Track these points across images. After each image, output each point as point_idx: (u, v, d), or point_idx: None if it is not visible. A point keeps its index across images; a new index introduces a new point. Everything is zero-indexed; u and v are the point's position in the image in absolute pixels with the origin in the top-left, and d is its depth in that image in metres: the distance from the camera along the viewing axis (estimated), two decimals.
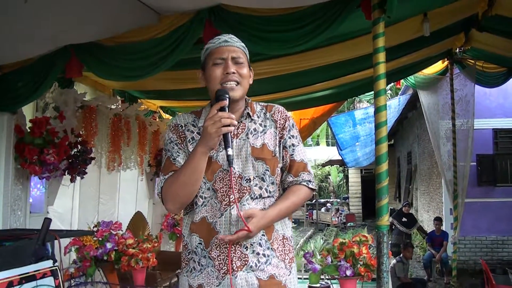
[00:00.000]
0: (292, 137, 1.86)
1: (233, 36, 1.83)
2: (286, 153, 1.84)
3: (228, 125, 1.59)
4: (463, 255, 9.45)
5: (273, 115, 1.86)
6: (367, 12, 2.87)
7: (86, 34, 3.19)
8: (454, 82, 7.00)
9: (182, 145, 1.80)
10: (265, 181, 1.76)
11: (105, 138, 4.68)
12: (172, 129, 1.84)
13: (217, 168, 1.74)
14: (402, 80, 8.01)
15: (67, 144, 3.83)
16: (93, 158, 4.32)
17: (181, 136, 1.81)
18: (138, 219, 5.50)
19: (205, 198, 1.75)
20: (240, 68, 1.76)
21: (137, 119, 5.24)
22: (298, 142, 1.87)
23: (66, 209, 4.79)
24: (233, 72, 1.73)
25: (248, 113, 1.82)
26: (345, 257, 3.37)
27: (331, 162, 21.01)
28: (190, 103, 6.10)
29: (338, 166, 24.41)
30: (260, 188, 1.75)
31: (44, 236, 2.31)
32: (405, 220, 9.27)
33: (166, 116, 6.60)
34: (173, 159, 1.78)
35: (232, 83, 1.72)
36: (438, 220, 8.93)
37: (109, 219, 4.19)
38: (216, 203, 1.73)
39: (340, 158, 15.06)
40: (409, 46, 4.85)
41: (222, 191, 1.72)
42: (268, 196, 1.77)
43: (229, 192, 1.71)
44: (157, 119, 6.13)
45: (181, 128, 1.83)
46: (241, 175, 1.73)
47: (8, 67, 3.42)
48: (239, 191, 1.72)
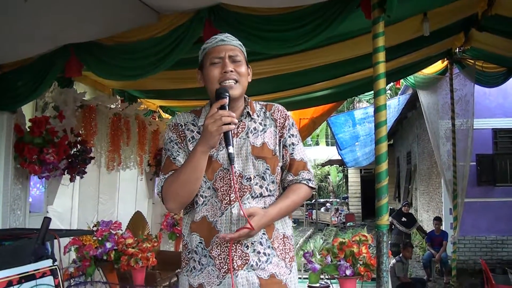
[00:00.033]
0: (292, 136, 1.86)
1: (230, 35, 1.83)
2: (286, 152, 1.84)
3: (229, 123, 1.59)
4: (463, 255, 9.45)
5: (273, 114, 1.86)
6: (367, 12, 2.87)
7: (86, 34, 3.19)
8: (454, 82, 7.01)
9: (182, 144, 1.80)
10: (266, 180, 1.76)
11: (105, 138, 4.68)
12: (172, 129, 1.83)
13: (218, 167, 1.73)
14: (402, 80, 8.01)
15: (67, 144, 3.83)
16: (93, 158, 4.31)
17: (181, 135, 1.81)
18: (138, 219, 5.50)
19: (206, 197, 1.74)
20: (238, 66, 1.76)
21: (137, 119, 5.24)
22: (298, 141, 1.87)
23: (66, 209, 4.79)
24: (231, 71, 1.73)
25: (248, 112, 1.82)
26: (345, 257, 3.36)
27: (331, 162, 21.02)
28: (190, 103, 6.10)
29: (338, 166, 24.44)
30: (261, 187, 1.75)
31: (44, 236, 2.31)
32: (405, 220, 9.28)
33: (166, 116, 6.59)
34: (173, 159, 1.78)
35: (231, 82, 1.72)
36: (438, 220, 8.93)
37: (109, 219, 4.19)
38: (217, 202, 1.72)
39: (340, 158, 15.05)
40: (409, 46, 4.85)
41: (223, 190, 1.72)
42: (269, 195, 1.77)
43: (230, 191, 1.71)
44: (157, 119, 6.13)
45: (181, 127, 1.82)
46: (242, 174, 1.73)
47: (8, 66, 3.41)
48: (240, 190, 1.71)
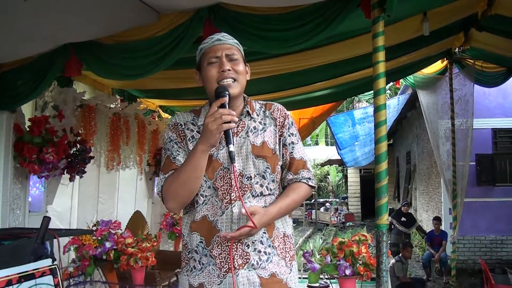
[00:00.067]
0: (292, 135, 1.86)
1: (226, 34, 1.83)
2: (286, 151, 1.84)
3: (229, 122, 1.59)
4: (462, 255, 9.45)
5: (273, 113, 1.86)
6: (367, 11, 2.87)
7: (86, 33, 3.19)
8: (454, 82, 7.02)
9: (182, 144, 1.79)
10: (266, 179, 1.76)
11: (104, 137, 4.67)
12: (172, 128, 1.83)
13: (218, 166, 1.73)
14: (401, 80, 8.01)
15: (66, 143, 3.82)
16: (92, 157, 4.31)
17: (181, 135, 1.81)
18: (137, 219, 5.49)
19: (206, 197, 1.74)
20: (236, 65, 1.76)
21: (136, 118, 5.24)
22: (297, 140, 1.88)
23: (65, 208, 4.79)
24: (229, 69, 1.73)
25: (248, 111, 1.82)
26: (345, 256, 3.36)
27: (330, 162, 21.02)
28: (189, 102, 6.10)
29: (337, 166, 24.44)
30: (261, 186, 1.75)
31: (43, 235, 2.31)
32: (404, 220, 9.28)
33: (165, 115, 6.60)
34: (173, 158, 1.77)
35: (229, 80, 1.72)
36: (437, 220, 8.93)
37: (108, 218, 4.19)
38: (217, 202, 1.72)
39: (339, 158, 15.05)
40: (409, 46, 4.85)
41: (223, 189, 1.72)
42: (269, 194, 1.77)
43: (230, 190, 1.71)
44: (156, 118, 6.13)
45: (181, 127, 1.82)
46: (242, 173, 1.73)
47: (8, 66, 3.40)
48: (240, 189, 1.71)
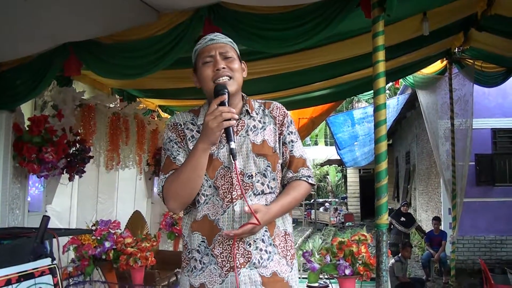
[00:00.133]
0: (291, 133, 1.87)
1: (219, 34, 1.84)
2: (286, 149, 1.85)
3: (229, 119, 1.58)
4: (462, 255, 9.46)
5: (272, 112, 1.86)
6: (367, 11, 2.87)
7: (85, 32, 3.18)
8: (453, 82, 7.02)
9: (182, 144, 1.79)
10: (267, 177, 1.76)
11: (104, 137, 4.67)
12: (171, 128, 1.83)
13: (218, 166, 1.73)
14: (401, 80, 8.00)
15: (66, 143, 3.82)
16: (92, 157, 4.31)
17: (181, 135, 1.80)
18: (137, 218, 5.49)
19: (207, 196, 1.74)
20: (230, 63, 1.76)
21: (136, 118, 5.23)
22: (297, 138, 1.89)
23: (65, 208, 4.78)
24: (223, 67, 1.73)
25: (247, 110, 1.82)
26: (344, 256, 3.36)
27: (330, 162, 21.00)
28: (189, 102, 6.09)
29: (337, 166, 24.44)
30: (262, 184, 1.75)
31: (43, 234, 2.31)
32: (404, 220, 9.29)
33: (165, 115, 6.59)
34: (173, 158, 1.77)
35: (225, 78, 1.72)
36: (437, 220, 8.93)
37: (108, 218, 4.18)
38: (218, 201, 1.72)
39: (339, 158, 15.03)
40: (408, 46, 4.85)
41: (224, 188, 1.72)
42: (270, 192, 1.77)
43: (231, 189, 1.71)
44: (156, 118, 6.12)
45: (180, 127, 1.82)
46: (243, 172, 1.73)
47: (7, 65, 3.40)
48: (240, 189, 1.70)
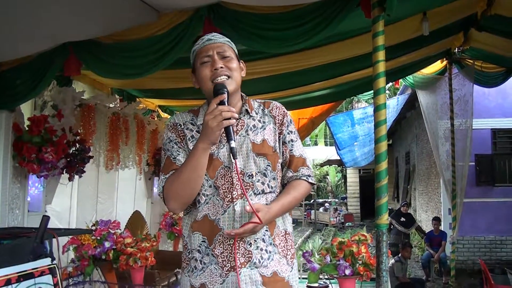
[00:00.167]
0: (291, 133, 1.87)
1: (217, 34, 1.84)
2: (286, 149, 1.85)
3: (229, 118, 1.58)
4: (462, 255, 9.46)
5: (271, 111, 1.86)
6: (367, 10, 2.87)
7: (85, 32, 3.18)
8: (453, 82, 7.02)
9: (182, 144, 1.79)
10: (267, 177, 1.76)
11: (104, 137, 4.67)
12: (171, 128, 1.83)
13: (219, 165, 1.73)
14: (401, 80, 8.00)
15: (65, 143, 3.82)
16: (91, 157, 4.31)
17: (181, 135, 1.80)
18: (137, 218, 5.48)
19: (207, 196, 1.74)
20: (228, 62, 1.76)
21: (136, 118, 5.23)
22: (296, 138, 1.89)
23: (64, 208, 4.77)
24: (221, 67, 1.73)
25: (247, 110, 1.82)
26: (344, 256, 3.35)
27: (329, 162, 21.00)
28: (189, 102, 6.09)
29: (336, 166, 24.43)
30: (263, 184, 1.75)
31: (42, 234, 2.31)
32: (404, 220, 9.29)
33: (165, 115, 6.59)
34: (173, 158, 1.77)
35: (223, 78, 1.72)
36: (437, 220, 8.93)
37: (107, 218, 4.18)
38: (219, 200, 1.72)
39: (338, 158, 15.02)
40: (408, 46, 4.85)
41: (224, 188, 1.72)
42: (270, 192, 1.77)
43: (232, 189, 1.71)
44: (156, 118, 6.12)
45: (180, 127, 1.81)
46: (243, 171, 1.73)
47: (7, 65, 3.40)
48: (241, 188, 1.70)
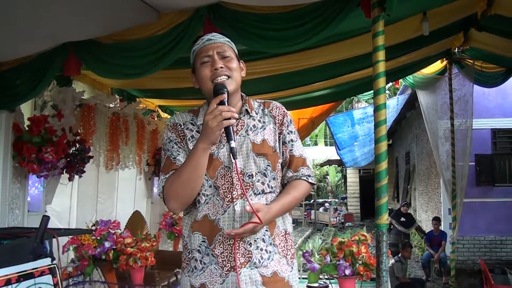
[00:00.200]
0: (291, 133, 1.87)
1: (216, 34, 1.84)
2: (286, 149, 1.85)
3: (229, 118, 1.58)
4: (462, 255, 9.46)
5: (271, 111, 1.87)
6: (367, 11, 2.87)
7: (85, 32, 3.18)
8: (453, 82, 7.02)
9: (182, 144, 1.79)
10: (267, 177, 1.76)
11: (104, 137, 4.67)
12: (171, 128, 1.83)
13: (219, 165, 1.73)
14: (401, 80, 8.00)
15: (65, 143, 3.82)
16: (91, 157, 4.31)
17: (181, 135, 1.80)
18: (137, 218, 5.48)
19: (207, 196, 1.74)
20: (228, 62, 1.76)
21: (136, 118, 5.23)
22: (296, 138, 1.89)
23: (64, 208, 4.77)
24: (221, 67, 1.73)
25: (247, 110, 1.82)
26: (344, 256, 3.35)
27: (329, 162, 21.01)
28: (189, 102, 6.09)
29: (336, 166, 24.44)
30: (263, 184, 1.75)
31: (42, 234, 2.31)
32: (404, 220, 9.29)
33: (165, 115, 6.59)
34: (173, 158, 1.77)
35: (223, 78, 1.72)
36: (437, 220, 8.93)
37: (107, 218, 4.18)
38: (219, 200, 1.72)
39: (338, 158, 15.03)
40: (408, 46, 4.85)
41: (224, 188, 1.72)
42: (270, 192, 1.77)
43: (232, 189, 1.71)
44: (156, 118, 6.12)
45: (180, 127, 1.81)
46: (243, 171, 1.73)
47: (7, 65, 3.40)
48: (241, 188, 1.70)
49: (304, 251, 3.67)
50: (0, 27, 2.91)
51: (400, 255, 7.26)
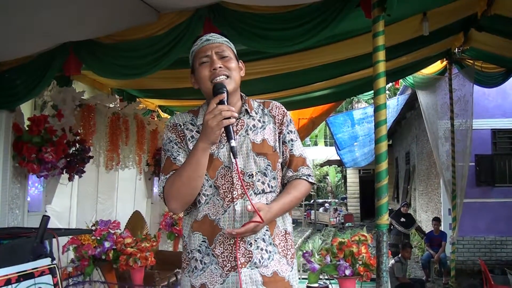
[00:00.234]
0: (291, 132, 1.87)
1: (215, 34, 1.84)
2: (286, 148, 1.85)
3: (229, 117, 1.58)
4: (462, 256, 9.46)
5: (271, 111, 1.87)
6: (367, 11, 2.87)
7: (85, 32, 3.18)
8: (453, 82, 7.01)
9: (182, 144, 1.79)
10: (267, 176, 1.76)
11: (104, 137, 4.67)
12: (171, 129, 1.83)
13: (219, 165, 1.73)
14: (401, 80, 8.00)
15: (65, 143, 3.82)
16: (91, 157, 4.31)
17: (180, 135, 1.80)
18: (136, 218, 5.48)
19: (208, 196, 1.74)
20: (227, 62, 1.76)
21: (136, 118, 5.23)
22: (296, 137, 1.89)
23: (64, 208, 4.77)
24: (220, 67, 1.73)
25: (246, 109, 1.82)
26: (344, 257, 3.36)
27: (329, 162, 21.02)
28: (189, 102, 6.09)
29: (336, 166, 24.46)
30: (263, 183, 1.75)
31: (42, 234, 2.31)
32: (404, 220, 9.29)
33: (165, 115, 6.59)
34: (174, 159, 1.76)
35: (222, 77, 1.72)
36: (437, 221, 8.93)
37: (107, 218, 4.18)
38: (219, 200, 1.72)
39: (338, 158, 15.03)
40: (408, 46, 4.85)
41: (225, 188, 1.72)
42: (270, 191, 1.77)
43: (232, 189, 1.71)
44: (156, 118, 6.12)
45: (180, 127, 1.81)
46: (243, 171, 1.73)
47: (7, 65, 3.40)
48: (242, 187, 1.70)
49: (304, 251, 3.67)
50: (0, 27, 2.91)
51: (400, 256, 7.26)
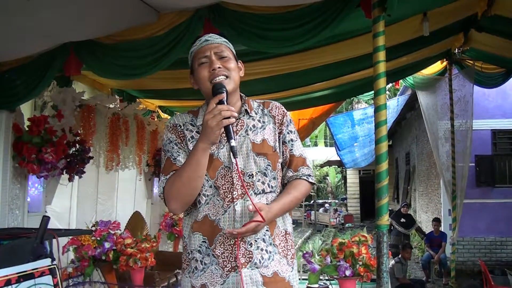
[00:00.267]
0: (291, 132, 1.87)
1: (214, 34, 1.84)
2: (286, 148, 1.85)
3: (229, 117, 1.58)
4: (462, 256, 9.46)
5: (271, 111, 1.87)
6: (367, 11, 2.87)
7: (86, 32, 3.18)
8: (453, 83, 7.01)
9: (182, 145, 1.79)
10: (267, 176, 1.76)
11: (104, 138, 4.66)
12: (171, 129, 1.83)
13: (219, 165, 1.73)
14: (401, 81, 8.01)
15: (65, 143, 3.82)
16: (91, 158, 4.30)
17: (180, 136, 1.80)
18: (137, 219, 5.48)
19: (208, 196, 1.74)
20: (226, 62, 1.76)
21: (136, 119, 5.23)
22: (296, 137, 1.89)
23: (64, 209, 4.77)
24: (219, 67, 1.73)
25: (246, 110, 1.82)
26: (345, 257, 3.35)
27: (329, 163, 21.03)
28: (189, 103, 6.09)
29: (336, 167, 24.47)
30: (263, 183, 1.75)
31: (43, 234, 2.31)
32: (404, 221, 9.29)
33: (165, 116, 6.59)
34: (174, 159, 1.76)
35: (221, 78, 1.72)
36: (437, 221, 8.93)
37: (107, 219, 4.18)
38: (219, 200, 1.72)
39: (338, 159, 15.03)
40: (408, 46, 4.85)
41: (225, 188, 1.72)
42: (270, 191, 1.77)
43: (232, 189, 1.71)
44: (156, 119, 6.12)
45: (180, 128, 1.81)
46: (243, 171, 1.73)
47: (7, 65, 3.40)
48: (242, 187, 1.71)
49: (304, 252, 3.67)
50: (0, 27, 2.91)
51: (400, 256, 7.26)
